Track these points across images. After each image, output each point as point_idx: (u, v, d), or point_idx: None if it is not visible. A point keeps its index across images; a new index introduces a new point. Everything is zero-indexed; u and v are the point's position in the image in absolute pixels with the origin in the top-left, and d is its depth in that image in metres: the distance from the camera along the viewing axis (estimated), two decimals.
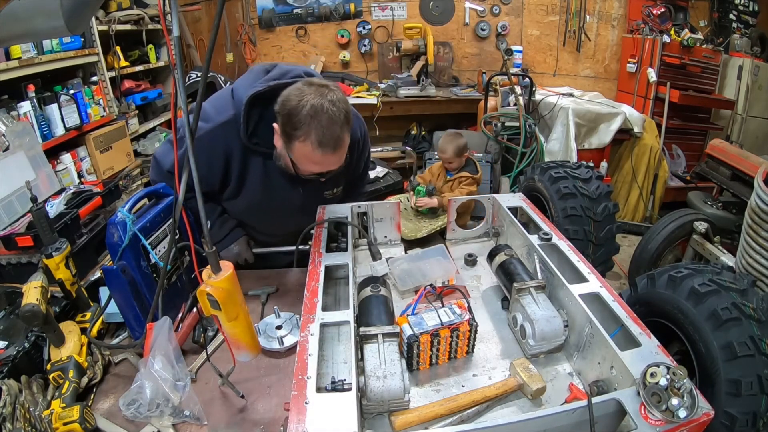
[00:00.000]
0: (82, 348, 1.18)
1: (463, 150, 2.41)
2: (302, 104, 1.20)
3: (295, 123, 1.21)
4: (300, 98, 1.20)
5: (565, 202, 2.37)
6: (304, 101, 1.20)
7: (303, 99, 1.20)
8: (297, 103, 1.20)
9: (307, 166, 1.31)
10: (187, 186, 0.82)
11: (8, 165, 2.21)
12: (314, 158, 1.26)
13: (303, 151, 1.25)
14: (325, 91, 1.23)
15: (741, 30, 4.54)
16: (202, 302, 0.84)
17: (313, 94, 1.21)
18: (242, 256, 1.63)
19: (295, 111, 1.20)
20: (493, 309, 1.31)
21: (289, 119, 1.21)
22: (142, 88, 3.77)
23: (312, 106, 1.19)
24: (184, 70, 1.10)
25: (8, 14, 0.95)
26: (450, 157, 2.39)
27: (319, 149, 1.22)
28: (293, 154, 1.28)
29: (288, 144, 1.27)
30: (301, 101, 1.20)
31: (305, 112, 1.19)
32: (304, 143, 1.22)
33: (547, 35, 4.91)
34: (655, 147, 3.99)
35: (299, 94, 1.21)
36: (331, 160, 1.29)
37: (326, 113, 1.20)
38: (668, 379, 0.79)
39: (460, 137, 2.43)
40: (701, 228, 2.52)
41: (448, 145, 2.39)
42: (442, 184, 2.41)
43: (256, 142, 1.41)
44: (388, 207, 1.61)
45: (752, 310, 1.34)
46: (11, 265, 1.84)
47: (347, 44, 4.95)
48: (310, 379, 0.85)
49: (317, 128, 1.20)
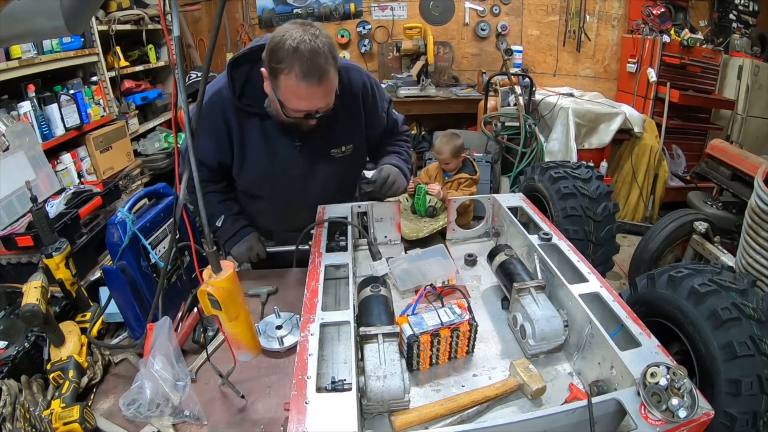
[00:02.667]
0: (82, 348, 1.18)
1: (460, 151, 2.40)
2: (285, 38, 1.22)
3: (279, 57, 1.22)
4: (283, 34, 1.23)
5: (565, 202, 2.37)
6: (287, 35, 1.22)
7: (286, 34, 1.23)
8: (281, 38, 1.23)
9: (293, 103, 1.30)
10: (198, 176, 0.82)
11: (8, 165, 2.21)
12: (299, 92, 1.26)
13: (288, 84, 1.25)
14: (308, 28, 1.25)
15: (741, 30, 4.54)
16: (202, 302, 0.83)
17: (296, 29, 1.24)
18: (254, 251, 1.63)
19: (279, 46, 1.22)
20: (493, 309, 1.31)
21: (273, 54, 1.23)
22: (142, 88, 3.77)
23: (294, 38, 1.21)
24: (184, 70, 1.10)
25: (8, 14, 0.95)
26: (447, 158, 2.38)
27: (303, 81, 1.23)
28: (279, 91, 1.28)
29: (274, 81, 1.28)
30: (284, 36, 1.22)
31: (287, 45, 1.21)
32: (288, 76, 1.23)
33: (547, 35, 4.91)
34: (655, 147, 3.99)
35: (283, 31, 1.24)
36: (316, 93, 1.28)
37: (309, 44, 1.21)
38: (668, 379, 0.79)
39: (457, 138, 2.42)
40: (701, 228, 2.52)
41: (444, 146, 2.38)
42: (441, 186, 2.41)
43: (247, 103, 1.44)
44: (388, 207, 1.61)
45: (752, 310, 1.34)
46: (11, 265, 1.84)
47: (347, 44, 4.96)
48: (310, 379, 0.85)
49: (300, 59, 1.21)
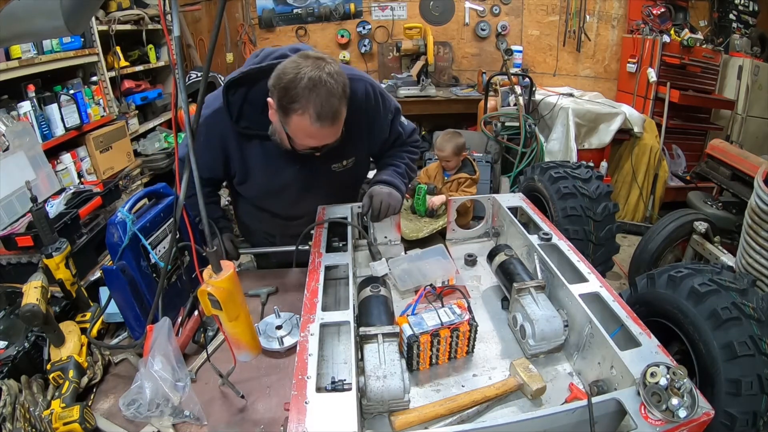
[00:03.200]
0: (82, 348, 1.18)
1: (461, 149, 2.40)
2: (299, 77, 1.17)
3: (293, 96, 1.18)
4: (297, 71, 1.18)
5: (565, 202, 2.37)
6: (301, 74, 1.17)
7: (300, 72, 1.18)
8: (294, 75, 1.18)
9: (303, 140, 1.29)
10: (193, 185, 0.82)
11: (8, 165, 2.20)
12: (311, 132, 1.24)
13: (300, 124, 1.22)
14: (322, 64, 1.20)
15: (741, 30, 4.54)
16: (203, 302, 0.84)
17: (311, 66, 1.18)
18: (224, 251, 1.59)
19: (293, 84, 1.17)
20: (493, 309, 1.31)
21: (286, 92, 1.19)
22: (142, 88, 3.77)
23: (310, 78, 1.17)
24: (184, 70, 1.10)
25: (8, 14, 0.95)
26: (448, 156, 2.38)
27: (317, 122, 1.20)
28: (289, 128, 1.26)
29: (284, 118, 1.24)
30: (299, 74, 1.17)
31: (303, 85, 1.17)
32: (301, 117, 1.20)
33: (547, 35, 4.91)
34: (655, 147, 3.99)
35: (296, 67, 1.19)
36: (327, 133, 1.27)
37: (324, 86, 1.18)
38: (668, 378, 0.79)
39: (459, 136, 2.42)
40: (701, 228, 2.52)
41: (446, 144, 2.38)
42: (441, 186, 2.41)
43: (246, 126, 1.41)
44: None
45: (752, 310, 1.34)
46: (11, 265, 1.84)
47: (347, 44, 4.96)
48: (310, 379, 0.85)
49: (315, 101, 1.18)
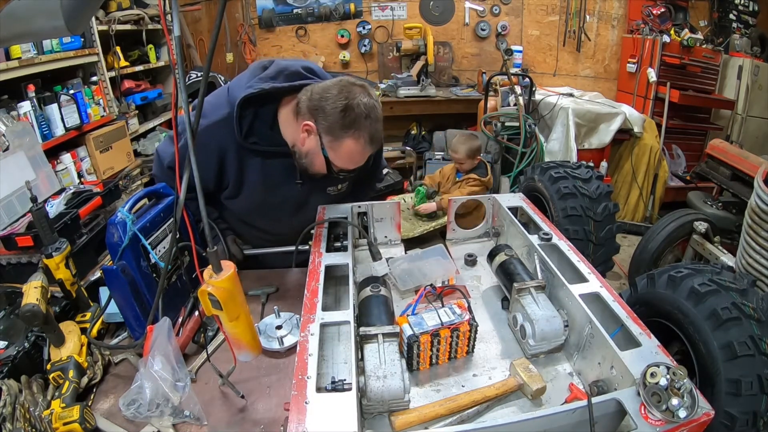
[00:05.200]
0: (82, 348, 1.18)
1: (476, 152, 2.41)
2: (357, 103, 1.25)
3: (350, 121, 1.25)
4: (352, 97, 1.25)
5: (565, 202, 2.36)
6: (357, 100, 1.25)
7: (356, 98, 1.25)
8: (351, 101, 1.24)
9: (346, 164, 1.35)
10: (188, 186, 0.82)
11: (8, 165, 2.21)
12: (360, 156, 1.32)
13: (353, 148, 1.29)
14: (369, 90, 1.30)
15: (741, 30, 4.54)
16: (203, 302, 0.83)
17: (362, 94, 1.27)
18: (231, 251, 1.59)
19: (350, 109, 1.24)
20: (493, 309, 1.31)
21: (343, 117, 1.24)
22: (142, 88, 3.77)
23: (365, 105, 1.25)
24: (184, 70, 1.10)
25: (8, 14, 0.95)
26: (461, 158, 2.39)
27: (369, 146, 1.30)
28: (337, 151, 1.30)
29: (333, 141, 1.28)
30: (355, 100, 1.25)
31: (360, 111, 1.24)
32: (357, 141, 1.27)
33: (547, 35, 4.91)
34: (655, 147, 3.99)
35: (348, 93, 1.26)
36: (368, 156, 1.37)
37: (376, 111, 1.28)
38: (668, 379, 0.79)
39: (475, 139, 2.44)
40: (701, 228, 2.52)
41: (460, 146, 2.39)
42: (451, 185, 2.41)
43: (254, 142, 1.39)
44: (388, 207, 1.61)
45: (752, 310, 1.34)
46: (11, 265, 1.83)
47: (347, 44, 4.96)
48: (310, 379, 0.85)
49: (370, 126, 1.27)
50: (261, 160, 1.44)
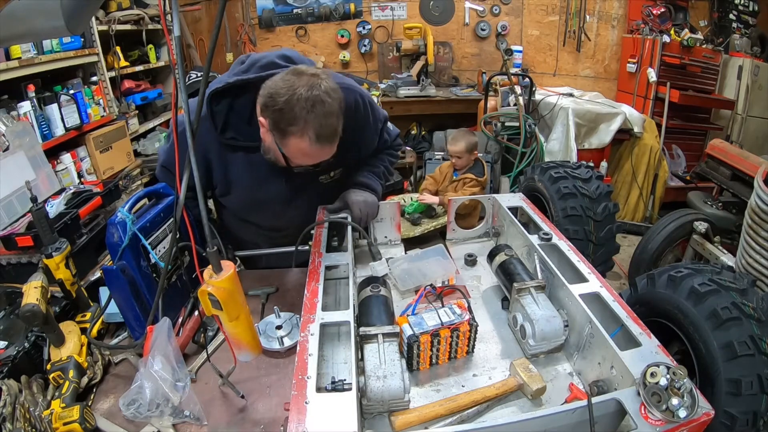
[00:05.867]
0: (82, 348, 1.18)
1: (474, 147, 2.42)
2: (296, 98, 1.12)
3: (290, 119, 1.13)
4: (292, 91, 1.12)
5: (565, 202, 2.36)
6: (297, 94, 1.12)
7: (296, 92, 1.12)
8: (290, 96, 1.12)
9: (301, 160, 1.26)
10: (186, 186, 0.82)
11: (8, 165, 2.21)
12: (311, 152, 1.20)
13: (299, 146, 1.18)
14: (317, 81, 1.15)
15: (741, 30, 4.54)
16: (203, 302, 0.83)
17: (306, 85, 1.13)
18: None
19: (288, 105, 1.12)
20: (493, 309, 1.31)
21: (283, 115, 1.14)
22: (142, 88, 3.77)
23: (306, 99, 1.12)
24: (184, 70, 1.10)
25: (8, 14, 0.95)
26: (460, 152, 2.40)
27: (316, 144, 1.17)
28: (287, 149, 1.21)
29: (281, 139, 1.19)
30: (294, 94, 1.12)
31: (300, 106, 1.12)
32: (301, 138, 1.16)
33: (547, 35, 4.91)
34: (655, 147, 3.99)
35: (290, 87, 1.13)
36: (326, 152, 1.24)
37: (322, 105, 1.13)
38: (668, 378, 0.79)
39: (472, 135, 2.46)
40: (701, 228, 2.52)
41: (460, 139, 2.40)
42: (448, 184, 2.42)
43: (231, 137, 1.35)
44: (389, 207, 1.61)
45: (752, 310, 1.34)
46: (11, 265, 1.84)
47: (347, 44, 4.96)
48: (310, 379, 0.85)
49: (314, 122, 1.13)
50: (244, 155, 1.40)
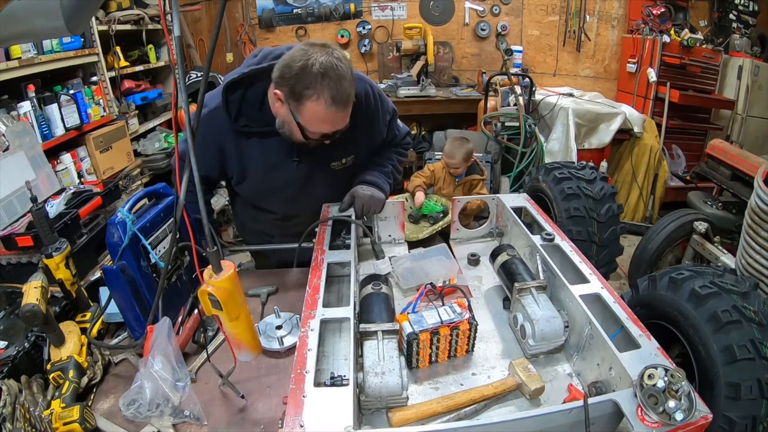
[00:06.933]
0: (82, 348, 1.18)
1: (470, 155, 2.41)
2: (311, 62, 1.19)
3: (306, 82, 1.20)
4: (307, 58, 1.20)
5: (568, 203, 2.36)
6: (312, 60, 1.19)
7: (311, 58, 1.20)
8: (305, 62, 1.19)
9: (317, 127, 1.30)
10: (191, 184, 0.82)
11: (8, 165, 2.20)
12: (326, 117, 1.26)
13: (315, 110, 1.24)
14: (329, 50, 1.23)
15: (741, 30, 4.54)
16: (203, 302, 0.84)
17: (319, 52, 1.21)
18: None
19: (304, 71, 1.19)
20: (494, 308, 1.31)
21: (299, 78, 1.21)
22: (142, 88, 3.77)
23: (321, 63, 1.19)
24: (184, 70, 1.10)
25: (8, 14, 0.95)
26: (458, 163, 2.38)
27: (332, 107, 1.23)
28: (303, 115, 1.27)
29: (297, 106, 1.25)
30: (309, 60, 1.19)
31: (316, 70, 1.19)
32: (317, 102, 1.22)
33: (547, 35, 4.90)
34: (655, 147, 3.99)
35: (304, 54, 1.21)
36: (341, 117, 1.29)
37: (336, 70, 1.20)
38: (666, 381, 0.78)
39: (468, 142, 2.42)
40: (701, 228, 2.51)
41: (457, 151, 2.36)
42: (453, 189, 2.41)
43: (245, 124, 1.43)
44: (393, 206, 1.61)
45: (753, 313, 1.33)
46: (11, 265, 1.84)
47: (347, 44, 4.95)
48: (308, 374, 0.85)
49: (330, 85, 1.20)
50: (258, 140, 1.47)
